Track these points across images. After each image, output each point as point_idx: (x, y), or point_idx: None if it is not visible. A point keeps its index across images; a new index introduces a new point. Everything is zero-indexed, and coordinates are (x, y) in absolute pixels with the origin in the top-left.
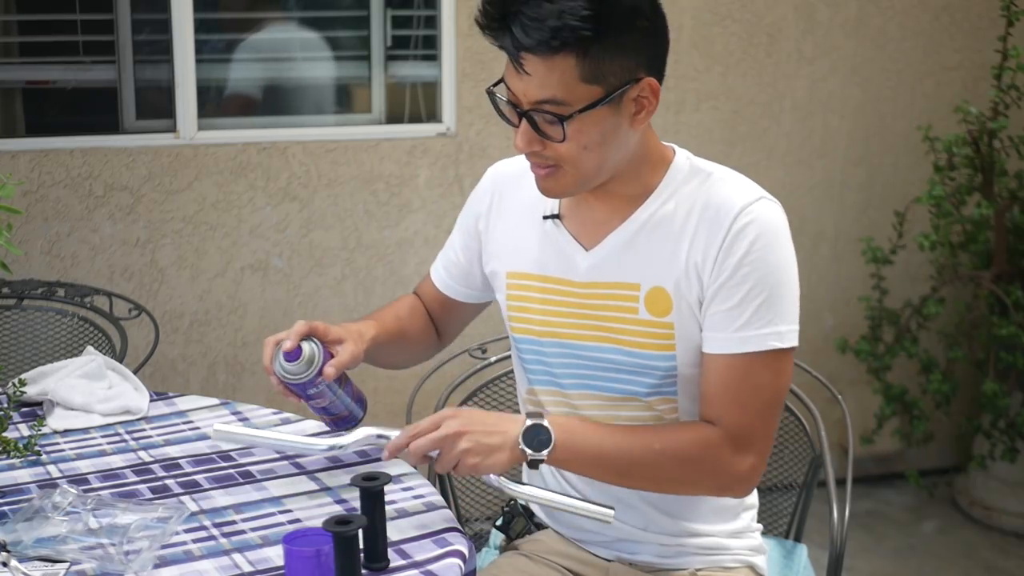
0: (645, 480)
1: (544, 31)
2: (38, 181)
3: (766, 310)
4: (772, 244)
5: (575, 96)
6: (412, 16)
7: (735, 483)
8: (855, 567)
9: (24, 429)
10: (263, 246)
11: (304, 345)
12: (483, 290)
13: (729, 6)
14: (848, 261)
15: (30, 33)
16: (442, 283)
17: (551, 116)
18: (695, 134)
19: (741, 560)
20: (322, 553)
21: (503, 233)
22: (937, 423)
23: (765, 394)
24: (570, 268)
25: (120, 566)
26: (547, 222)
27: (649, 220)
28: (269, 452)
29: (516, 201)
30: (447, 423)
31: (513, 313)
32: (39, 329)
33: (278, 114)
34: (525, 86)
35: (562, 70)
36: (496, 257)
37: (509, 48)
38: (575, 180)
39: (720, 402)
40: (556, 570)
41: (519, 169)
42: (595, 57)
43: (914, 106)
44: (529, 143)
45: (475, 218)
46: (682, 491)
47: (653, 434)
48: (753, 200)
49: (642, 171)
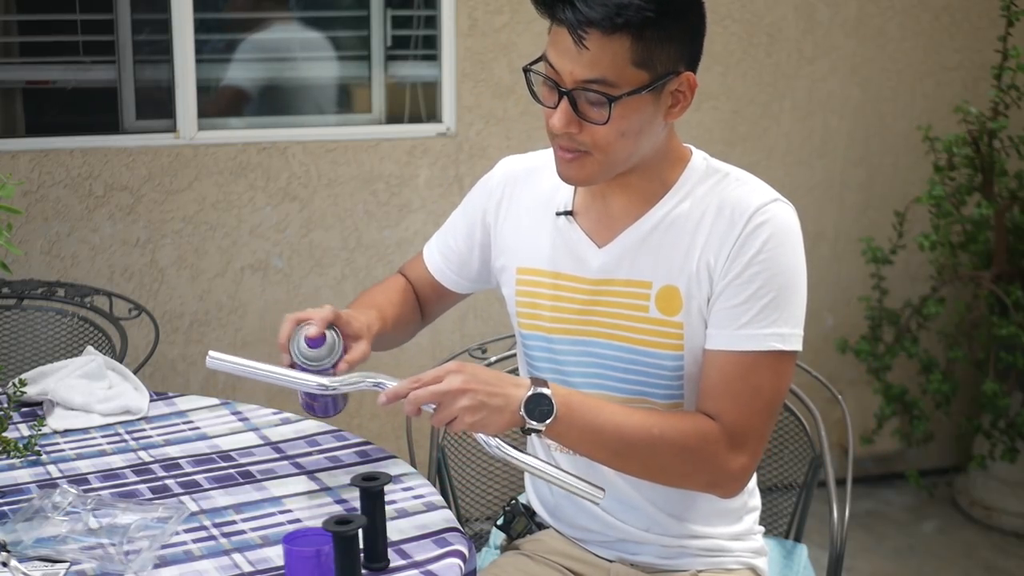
0: (637, 464)
1: (609, 6)
2: (38, 181)
3: (771, 310)
4: (784, 245)
5: (623, 78)
6: (412, 16)
7: (726, 480)
8: (855, 567)
9: (24, 429)
10: (263, 246)
11: (327, 334)
12: (476, 281)
13: (729, 6)
14: (848, 261)
15: (30, 33)
16: (436, 269)
17: (598, 96)
18: (695, 134)
19: (742, 562)
20: (322, 553)
21: (514, 228)
22: (937, 423)
23: (764, 395)
24: (582, 265)
25: (120, 566)
26: (560, 218)
27: (664, 219)
28: (269, 452)
29: (529, 196)
30: (450, 378)
31: (522, 309)
32: (39, 329)
33: (278, 114)
34: (573, 64)
35: (615, 50)
36: (506, 252)
37: (571, 20)
38: (602, 168)
39: (720, 398)
40: (557, 570)
41: (532, 165)
42: (649, 41)
43: (914, 106)
44: (568, 123)
45: (483, 210)
46: (671, 481)
47: (653, 419)
48: (769, 201)
49: (662, 167)
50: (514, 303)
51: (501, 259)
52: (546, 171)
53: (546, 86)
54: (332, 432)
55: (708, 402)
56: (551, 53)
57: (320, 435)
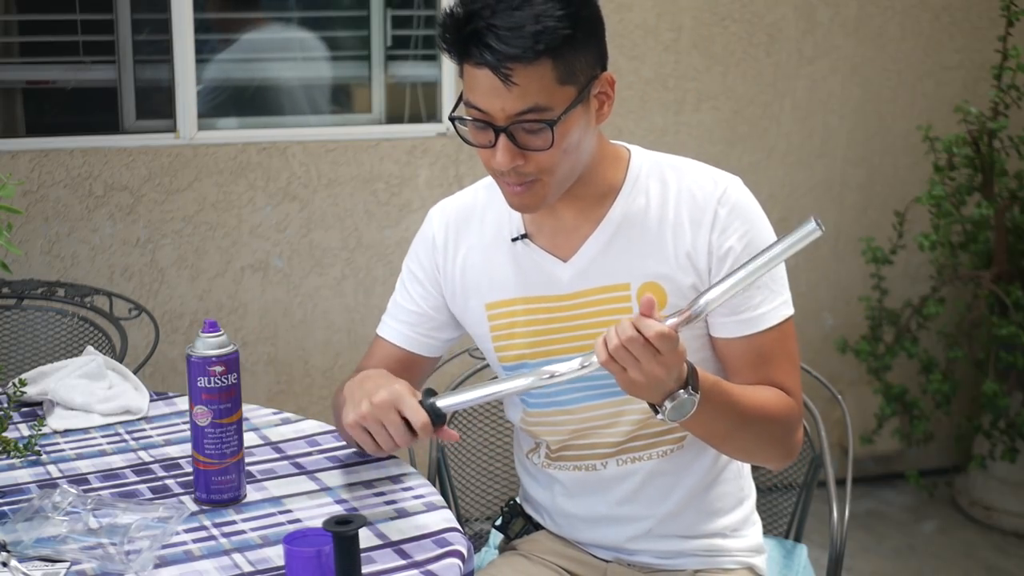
0: (751, 437)
1: (525, 37)
2: (38, 181)
3: (771, 282)
4: (757, 220)
5: (554, 100)
6: (412, 16)
7: (796, 450)
8: (855, 567)
9: (24, 429)
10: (263, 246)
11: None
12: (447, 340)
13: (729, 6)
14: (848, 261)
15: (30, 33)
16: (405, 339)
17: (537, 124)
18: (695, 134)
19: (740, 562)
20: (322, 553)
21: (469, 268)
22: (937, 423)
23: (795, 360)
24: (552, 283)
25: (120, 566)
26: (516, 244)
27: (624, 219)
28: (269, 452)
29: (474, 235)
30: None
31: (499, 343)
32: (39, 329)
33: (278, 114)
34: (503, 101)
35: (540, 75)
36: (466, 293)
37: (491, 62)
38: (553, 189)
39: (774, 373)
40: (554, 570)
41: (465, 203)
42: (567, 57)
43: (914, 106)
44: (512, 159)
45: (432, 264)
46: (761, 454)
47: (763, 394)
48: (725, 185)
49: (602, 170)
50: (489, 339)
51: (460, 302)
52: (482, 205)
53: (475, 128)
54: (332, 432)
55: (762, 378)
56: (475, 96)
57: (320, 435)
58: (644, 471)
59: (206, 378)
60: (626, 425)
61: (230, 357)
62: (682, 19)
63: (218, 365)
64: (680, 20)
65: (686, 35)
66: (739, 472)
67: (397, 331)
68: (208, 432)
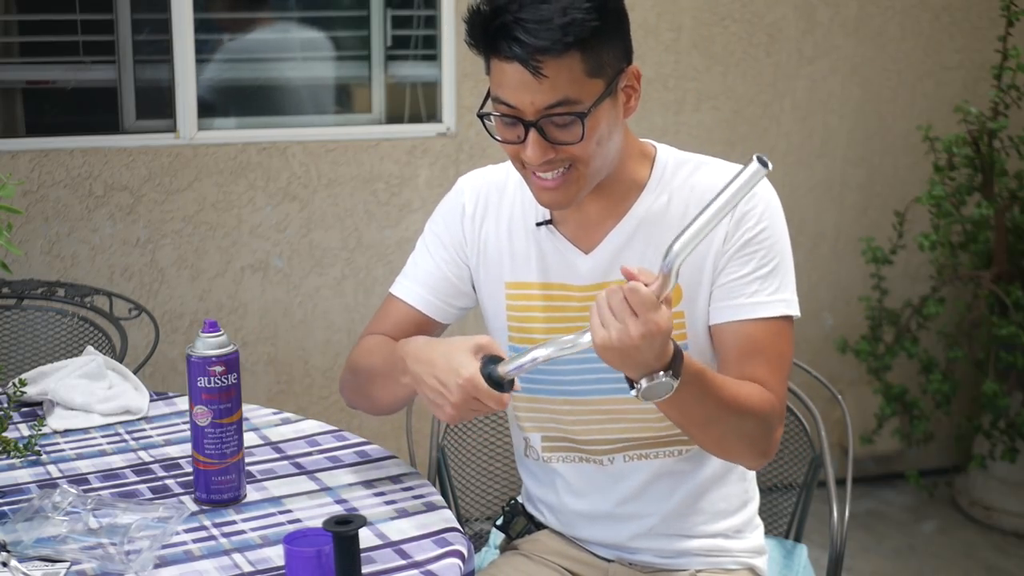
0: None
1: (554, 30)
2: (38, 181)
3: (775, 277)
4: (776, 215)
5: (584, 92)
6: (412, 16)
7: (773, 449)
8: (855, 567)
9: (24, 429)
10: (263, 246)
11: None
12: (462, 308)
13: (729, 6)
14: (848, 261)
15: (30, 33)
16: (422, 302)
17: (567, 117)
18: (695, 134)
19: (741, 562)
20: (322, 553)
21: (495, 243)
22: (937, 423)
23: (786, 360)
24: (572, 273)
25: (120, 566)
26: (541, 229)
27: (646, 215)
28: (269, 452)
29: (504, 210)
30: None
31: (514, 323)
32: (39, 329)
33: (278, 114)
34: (533, 95)
35: (569, 67)
36: (489, 267)
37: (520, 55)
38: (588, 182)
39: (757, 366)
40: (555, 570)
41: (496, 179)
42: (595, 49)
43: (914, 106)
44: (544, 152)
45: (461, 231)
46: (735, 451)
47: (746, 388)
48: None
49: (629, 165)
50: (504, 318)
51: (483, 274)
52: (513, 185)
53: (503, 123)
54: (332, 432)
55: (745, 371)
56: (503, 91)
57: (320, 435)
58: (651, 469)
59: (206, 378)
60: (631, 418)
61: (230, 357)
62: (682, 19)
63: (218, 365)
64: (680, 20)
65: (686, 35)
66: (744, 475)
67: (417, 294)
68: (208, 432)
